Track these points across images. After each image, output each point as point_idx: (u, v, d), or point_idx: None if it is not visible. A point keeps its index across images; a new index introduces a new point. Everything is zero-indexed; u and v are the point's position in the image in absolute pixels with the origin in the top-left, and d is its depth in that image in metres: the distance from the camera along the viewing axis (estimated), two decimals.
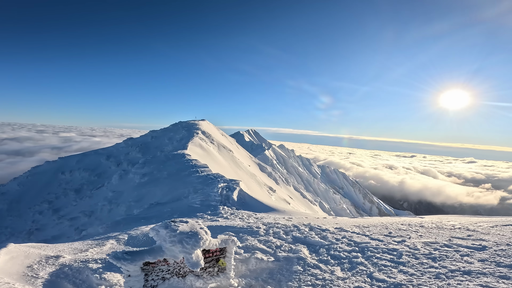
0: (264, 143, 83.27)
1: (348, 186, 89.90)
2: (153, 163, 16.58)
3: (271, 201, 12.39)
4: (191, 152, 19.37)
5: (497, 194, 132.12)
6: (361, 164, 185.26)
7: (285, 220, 7.14)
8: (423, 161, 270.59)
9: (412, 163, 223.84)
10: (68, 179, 25.91)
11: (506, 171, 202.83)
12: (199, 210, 8.58)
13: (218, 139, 28.65)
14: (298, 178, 65.85)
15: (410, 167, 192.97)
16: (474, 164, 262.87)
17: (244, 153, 36.18)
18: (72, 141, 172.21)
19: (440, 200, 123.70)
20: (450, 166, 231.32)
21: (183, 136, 27.47)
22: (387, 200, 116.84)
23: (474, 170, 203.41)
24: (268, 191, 23.98)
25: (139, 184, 13.68)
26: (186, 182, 11.66)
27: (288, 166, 70.13)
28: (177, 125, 34.29)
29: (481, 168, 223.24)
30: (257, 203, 9.72)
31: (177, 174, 13.38)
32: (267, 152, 67.29)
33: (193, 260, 2.62)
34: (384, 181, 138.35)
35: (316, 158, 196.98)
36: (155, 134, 31.88)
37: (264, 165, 35.04)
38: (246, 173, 24.03)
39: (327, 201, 59.39)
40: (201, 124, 32.63)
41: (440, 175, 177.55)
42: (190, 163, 14.87)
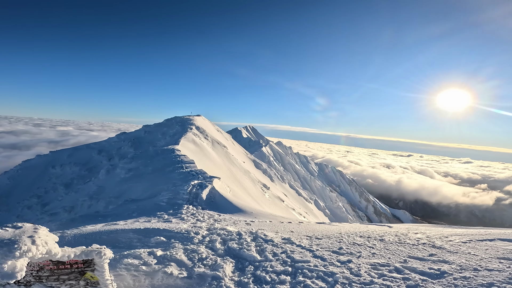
0: (262, 139, 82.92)
1: (344, 185, 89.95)
2: (141, 158, 16.17)
3: (244, 201, 11.79)
4: (183, 148, 18.98)
5: (493, 195, 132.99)
6: (359, 162, 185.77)
7: (243, 225, 6.52)
8: (420, 161, 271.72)
9: (409, 163, 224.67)
10: (59, 173, 25.50)
11: (502, 172, 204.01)
12: (163, 208, 7.99)
13: (212, 135, 28.28)
14: (295, 175, 65.63)
15: (407, 167, 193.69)
16: (471, 165, 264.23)
17: (239, 150, 35.81)
18: (70, 135, 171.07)
19: (436, 200, 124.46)
20: (446, 166, 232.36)
21: (177, 131, 27.07)
22: (384, 199, 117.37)
23: (470, 171, 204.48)
24: (262, 188, 23.69)
25: (123, 180, 13.30)
26: (168, 178, 11.29)
27: (285, 163, 69.85)
28: (171, 120, 33.85)
29: (478, 169, 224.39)
30: (227, 203, 8.95)
31: (161, 170, 13.01)
32: (264, 148, 66.95)
33: (4, 270, 2.31)
34: (382, 180, 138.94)
35: (314, 156, 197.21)
36: (148, 129, 31.47)
37: (260, 162, 34.71)
38: (240, 170, 23.70)
39: (323, 199, 59.29)
40: (196, 120, 32.21)
41: (436, 175, 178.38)
42: (177, 159, 14.48)
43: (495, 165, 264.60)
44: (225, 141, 32.14)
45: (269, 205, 21.80)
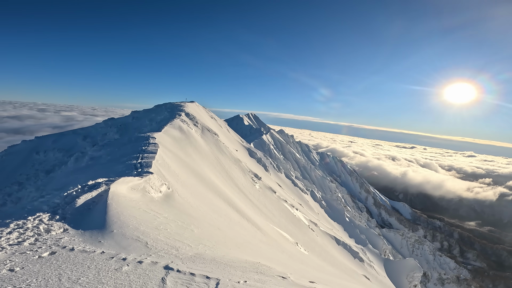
0: (263, 127, 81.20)
1: (345, 175, 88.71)
2: (112, 145, 14.81)
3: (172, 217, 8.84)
4: (164, 135, 17.55)
5: (496, 190, 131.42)
6: (364, 153, 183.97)
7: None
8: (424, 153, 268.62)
9: (413, 155, 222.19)
10: (42, 160, 24.38)
11: (506, 167, 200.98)
12: (14, 215, 5.49)
13: (204, 122, 26.77)
14: (295, 164, 64.31)
15: (412, 160, 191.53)
16: (474, 159, 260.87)
17: (233, 138, 34.32)
18: (74, 120, 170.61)
19: (439, 194, 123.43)
20: (450, 160, 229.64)
21: (164, 118, 25.63)
22: (389, 191, 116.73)
23: (474, 165, 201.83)
24: (252, 178, 22.37)
25: (78, 169, 11.99)
26: (108, 172, 9.85)
27: (285, 151, 68.41)
28: (160, 106, 32.38)
29: (481, 163, 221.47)
30: (108, 223, 5.61)
31: (115, 160, 11.61)
32: (264, 136, 65.36)
33: None
34: (387, 172, 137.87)
35: (318, 145, 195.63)
36: (136, 115, 30.11)
37: (255, 151, 33.25)
38: (230, 159, 22.33)
39: (323, 190, 58.13)
40: (188, 106, 30.66)
41: (440, 169, 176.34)
42: (141, 148, 13.10)
43: (499, 160, 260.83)
44: (218, 129, 30.62)
45: (258, 197, 20.57)
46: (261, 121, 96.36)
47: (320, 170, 74.00)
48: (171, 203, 8.64)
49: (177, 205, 8.68)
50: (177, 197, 9.33)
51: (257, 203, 19.47)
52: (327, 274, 11.99)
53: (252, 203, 18.82)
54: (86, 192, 7.16)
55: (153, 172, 9.98)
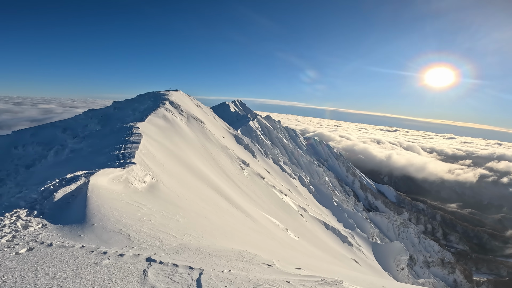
0: (250, 113, 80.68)
1: (332, 159, 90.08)
2: (93, 137, 14.24)
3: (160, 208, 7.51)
4: (148, 125, 17.04)
5: (476, 172, 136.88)
6: (349, 137, 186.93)
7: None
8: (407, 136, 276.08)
9: (397, 138, 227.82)
10: (21, 154, 23.38)
11: (485, 149, 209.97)
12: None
13: (189, 110, 26.21)
14: (283, 149, 64.71)
15: (396, 142, 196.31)
16: (454, 141, 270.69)
17: (220, 125, 33.90)
18: (53, 112, 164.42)
19: (422, 176, 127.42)
20: (432, 142, 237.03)
21: (148, 107, 24.94)
22: (374, 174, 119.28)
23: (454, 147, 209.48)
24: (240, 165, 22.30)
25: (59, 163, 11.48)
26: (90, 164, 9.46)
27: (273, 137, 68.55)
28: (144, 95, 31.45)
29: (461, 145, 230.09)
30: (90, 217, 5.36)
31: (97, 152, 11.15)
32: (251, 123, 65.07)
33: None
34: (373, 156, 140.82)
35: (305, 130, 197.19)
36: (118, 105, 29.18)
37: (242, 137, 33.05)
38: (217, 146, 22.08)
39: (310, 174, 59.03)
40: (172, 95, 29.89)
41: (422, 151, 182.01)
42: (124, 138, 12.65)
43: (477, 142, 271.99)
44: (204, 116, 30.13)
45: (246, 184, 20.58)
46: (247, 107, 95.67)
47: (308, 154, 74.89)
48: (156, 193, 8.42)
49: (162, 195, 8.47)
50: (162, 187, 9.11)
51: (246, 190, 19.50)
52: (317, 259, 12.23)
53: (241, 190, 18.82)
54: (65, 185, 6.95)
55: (136, 162, 9.67)
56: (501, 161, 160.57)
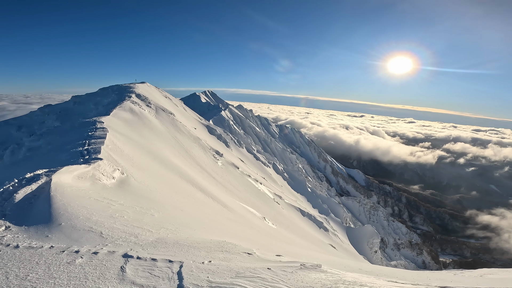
0: (221, 103, 79.72)
1: (304, 146, 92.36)
2: (52, 134, 13.16)
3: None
4: (114, 118, 16.10)
5: (435, 153, 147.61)
6: (320, 123, 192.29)
7: None
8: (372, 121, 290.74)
9: (364, 123, 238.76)
10: None
11: (441, 131, 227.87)
12: None
13: (157, 102, 25.14)
14: (256, 138, 65.09)
15: (363, 128, 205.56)
16: (414, 124, 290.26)
17: (191, 116, 33.07)
18: (5, 110, 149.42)
19: (387, 159, 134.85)
20: (394, 126, 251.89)
21: (112, 100, 23.50)
22: (344, 159, 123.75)
23: (414, 130, 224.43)
24: (213, 155, 22.04)
25: (16, 162, 10.52)
26: (51, 162, 8.85)
27: (245, 126, 68.55)
28: (107, 89, 29.57)
29: (421, 128, 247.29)
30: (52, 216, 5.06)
31: (58, 149, 10.40)
32: (223, 112, 64.40)
33: None
34: (342, 141, 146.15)
35: (277, 118, 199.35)
36: (79, 100, 27.17)
37: (214, 127, 32.59)
38: (189, 138, 21.56)
39: (284, 162, 60.15)
40: (138, 87, 28.42)
41: (386, 136, 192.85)
42: (88, 134, 11.91)
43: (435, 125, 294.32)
44: (174, 108, 29.14)
45: (221, 174, 20.45)
46: (219, 97, 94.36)
47: (280, 142, 76.08)
48: (127, 188, 8.07)
49: (134, 190, 8.13)
50: (133, 182, 8.74)
51: (221, 180, 19.38)
52: (296, 246, 12.59)
53: (216, 180, 18.68)
54: (25, 186, 6.53)
55: (102, 158, 9.18)
56: (457, 143, 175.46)
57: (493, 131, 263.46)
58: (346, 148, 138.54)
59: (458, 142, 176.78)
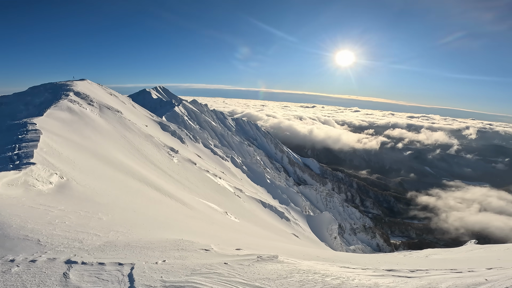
0: (174, 99, 76.59)
1: (261, 138, 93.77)
2: None
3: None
4: (49, 119, 14.35)
5: (378, 139, 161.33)
6: (275, 115, 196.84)
7: None
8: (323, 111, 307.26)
9: (315, 114, 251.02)
10: None
11: (382, 119, 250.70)
12: None
13: (101, 100, 23.03)
14: (212, 132, 64.16)
15: (315, 118, 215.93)
16: (359, 113, 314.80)
17: (141, 113, 31.14)
18: None
19: (338, 147, 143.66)
20: (342, 115, 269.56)
21: (46, 100, 20.81)
22: (300, 149, 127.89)
23: (360, 118, 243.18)
24: (168, 152, 21.14)
25: None
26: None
27: (201, 121, 67.05)
28: (38, 87, 26.06)
29: (365, 116, 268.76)
30: None
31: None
32: (177, 108, 62.05)
33: None
34: (297, 132, 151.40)
35: (233, 111, 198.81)
36: (5, 100, 23.51)
37: (167, 124, 31.19)
38: (140, 136, 20.29)
39: (242, 155, 60.44)
40: (77, 85, 25.61)
41: (336, 124, 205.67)
42: (17, 137, 10.53)
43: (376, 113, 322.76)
44: (121, 106, 27.06)
45: (178, 172, 19.73)
46: (171, 93, 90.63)
47: (237, 135, 76.22)
48: (68, 193, 7.31)
49: (77, 194, 7.40)
50: (75, 186, 7.94)
51: (178, 177, 18.72)
52: (260, 237, 12.74)
53: (173, 178, 17.98)
54: None
55: (35, 162, 8.17)
56: (395, 129, 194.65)
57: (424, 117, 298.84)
58: (301, 138, 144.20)
59: (396, 128, 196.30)
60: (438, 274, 4.14)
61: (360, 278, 3.61)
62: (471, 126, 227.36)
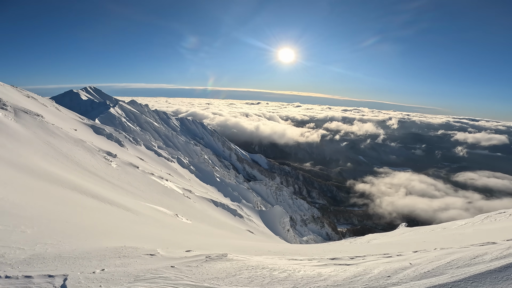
0: (109, 100, 70.18)
1: (208, 136, 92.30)
2: None
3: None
4: None
5: (318, 132, 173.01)
6: (221, 113, 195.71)
7: None
8: (268, 107, 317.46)
9: (261, 110, 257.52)
10: None
11: (321, 113, 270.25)
12: None
13: (16, 103, 19.66)
14: (155, 134, 60.75)
15: (260, 114, 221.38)
16: (300, 108, 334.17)
17: (68, 116, 27.69)
18: None
19: (283, 142, 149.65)
20: (286, 111, 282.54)
21: None
22: (247, 145, 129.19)
23: (301, 113, 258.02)
24: (105, 157, 19.27)
25: None
26: None
27: (141, 122, 62.86)
28: None
29: (306, 111, 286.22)
30: None
31: None
32: (112, 109, 57.00)
33: None
34: (244, 129, 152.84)
35: (178, 111, 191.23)
36: None
37: (102, 127, 28.42)
38: (67, 141, 18.02)
39: (189, 155, 58.59)
40: None
41: (281, 120, 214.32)
42: None
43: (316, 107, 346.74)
44: (42, 109, 23.62)
45: (118, 176, 18.14)
46: (105, 94, 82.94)
47: (183, 135, 73.66)
48: None
49: None
50: None
51: (119, 182, 17.21)
52: (213, 237, 12.48)
53: (113, 184, 16.46)
54: None
55: None
56: (332, 122, 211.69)
57: (356, 110, 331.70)
58: (248, 135, 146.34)
59: (333, 121, 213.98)
60: (373, 259, 4.43)
61: (305, 270, 3.71)
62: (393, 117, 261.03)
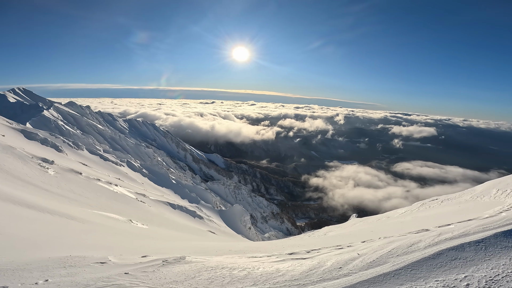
0: (42, 102, 62.35)
1: (160, 137, 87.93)
2: None
3: None
4: None
5: (273, 130, 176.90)
6: (175, 113, 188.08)
7: None
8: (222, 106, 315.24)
9: (215, 109, 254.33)
10: None
11: (275, 110, 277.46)
12: None
13: None
14: (99, 137, 55.74)
15: (215, 113, 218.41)
16: (255, 106, 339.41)
17: None
18: None
19: (239, 140, 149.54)
20: (241, 109, 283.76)
21: None
22: (203, 145, 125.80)
23: (256, 111, 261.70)
24: (40, 164, 17.02)
25: None
26: None
27: (82, 125, 57.13)
28: None
29: (260, 109, 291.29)
30: None
31: None
32: (46, 112, 50.74)
33: None
34: (199, 128, 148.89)
35: (126, 112, 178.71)
36: None
37: (35, 131, 25.10)
38: None
39: (140, 157, 55.01)
40: None
41: (236, 118, 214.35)
42: None
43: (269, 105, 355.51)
44: None
45: (57, 184, 16.16)
46: (36, 95, 73.53)
47: (132, 137, 69.10)
48: None
49: None
50: None
51: (59, 191, 15.34)
52: (172, 240, 11.87)
53: (51, 192, 14.59)
54: None
55: None
56: (286, 119, 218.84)
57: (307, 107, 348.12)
58: (203, 135, 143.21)
59: (286, 119, 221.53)
60: (327, 252, 4.55)
61: (264, 266, 3.71)
62: (340, 113, 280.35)
